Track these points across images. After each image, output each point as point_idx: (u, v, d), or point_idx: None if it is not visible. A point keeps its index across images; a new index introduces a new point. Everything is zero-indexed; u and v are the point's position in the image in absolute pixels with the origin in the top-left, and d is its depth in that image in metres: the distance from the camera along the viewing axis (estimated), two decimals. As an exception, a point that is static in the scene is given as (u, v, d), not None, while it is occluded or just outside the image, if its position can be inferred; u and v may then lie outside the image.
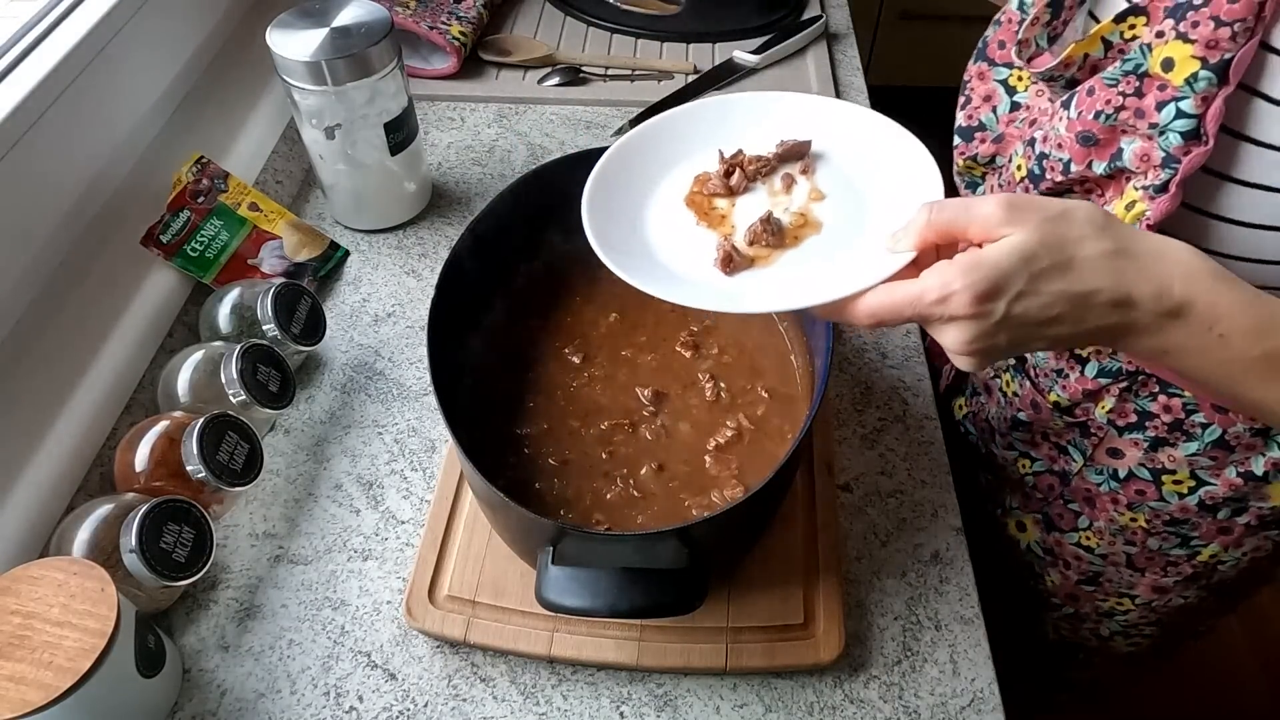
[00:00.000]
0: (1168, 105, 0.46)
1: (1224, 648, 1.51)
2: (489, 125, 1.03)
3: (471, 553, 0.62)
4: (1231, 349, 0.42)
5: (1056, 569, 0.76)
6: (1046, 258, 0.40)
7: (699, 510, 0.59)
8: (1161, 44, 0.46)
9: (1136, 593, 0.73)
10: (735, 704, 0.58)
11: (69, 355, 0.68)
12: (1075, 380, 0.64)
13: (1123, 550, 0.70)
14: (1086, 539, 0.71)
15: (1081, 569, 0.74)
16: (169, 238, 0.76)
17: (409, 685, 0.59)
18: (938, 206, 0.43)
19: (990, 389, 0.73)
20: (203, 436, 0.60)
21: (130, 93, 0.82)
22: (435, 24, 1.03)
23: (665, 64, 1.09)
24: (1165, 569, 0.69)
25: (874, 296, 0.43)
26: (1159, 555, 0.68)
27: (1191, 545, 0.67)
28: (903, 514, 0.68)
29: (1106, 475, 0.67)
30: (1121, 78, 0.48)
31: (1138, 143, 0.49)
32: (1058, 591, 0.77)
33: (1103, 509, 0.68)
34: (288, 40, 0.75)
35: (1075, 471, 0.68)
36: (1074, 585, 0.76)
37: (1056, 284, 0.40)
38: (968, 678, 0.59)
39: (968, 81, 0.64)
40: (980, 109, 0.64)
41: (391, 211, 0.90)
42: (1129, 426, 0.63)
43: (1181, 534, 0.66)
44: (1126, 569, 0.71)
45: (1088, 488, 0.69)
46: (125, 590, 0.53)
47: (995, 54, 0.62)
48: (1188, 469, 0.62)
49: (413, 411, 0.74)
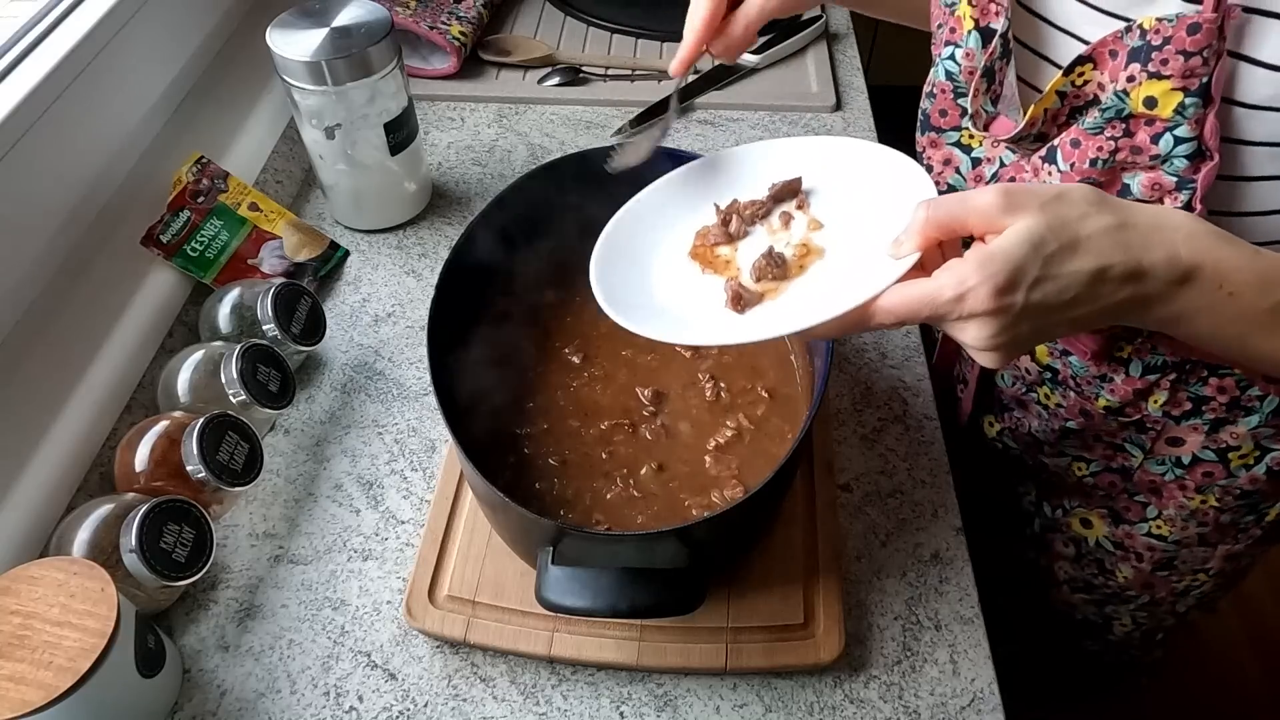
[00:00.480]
0: (1163, 136, 0.47)
1: (1221, 641, 1.52)
2: (489, 125, 1.03)
3: (471, 553, 0.62)
4: (1241, 304, 0.43)
5: (1128, 562, 0.75)
6: (1054, 241, 0.40)
7: (699, 510, 0.59)
8: (1136, 86, 0.47)
9: (1211, 565, 0.73)
10: (735, 704, 0.58)
11: (69, 355, 0.68)
12: (1122, 382, 0.63)
13: (1195, 532, 0.70)
14: (1158, 528, 0.71)
15: (1155, 558, 0.73)
16: (169, 238, 0.76)
17: (409, 685, 0.59)
18: (934, 203, 0.43)
19: (1026, 404, 0.72)
20: (203, 436, 0.60)
21: (130, 93, 0.82)
22: (435, 24, 1.03)
23: (665, 64, 1.09)
24: (1236, 537, 0.70)
25: (889, 298, 0.42)
26: (1230, 527, 0.69)
27: (1260, 510, 0.68)
28: (903, 514, 0.68)
29: (1170, 464, 0.66)
30: (1105, 124, 0.49)
31: (1141, 175, 0.50)
32: (1133, 584, 0.77)
33: (1170, 496, 0.68)
34: (288, 40, 0.75)
35: (1137, 466, 0.68)
36: (1149, 574, 0.75)
37: (1070, 265, 0.40)
38: (968, 678, 0.59)
39: (922, 153, 0.65)
40: (945, 173, 0.64)
41: (391, 211, 0.90)
42: (1185, 414, 0.63)
43: (1251, 503, 0.67)
44: (1199, 548, 0.71)
45: (1152, 479, 0.68)
46: (125, 590, 0.53)
47: (940, 123, 0.62)
48: (1251, 442, 0.62)
49: (413, 411, 0.74)
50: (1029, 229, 0.40)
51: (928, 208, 0.43)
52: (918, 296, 0.41)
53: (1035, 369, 0.69)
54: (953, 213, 0.42)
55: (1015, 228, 0.40)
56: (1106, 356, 0.63)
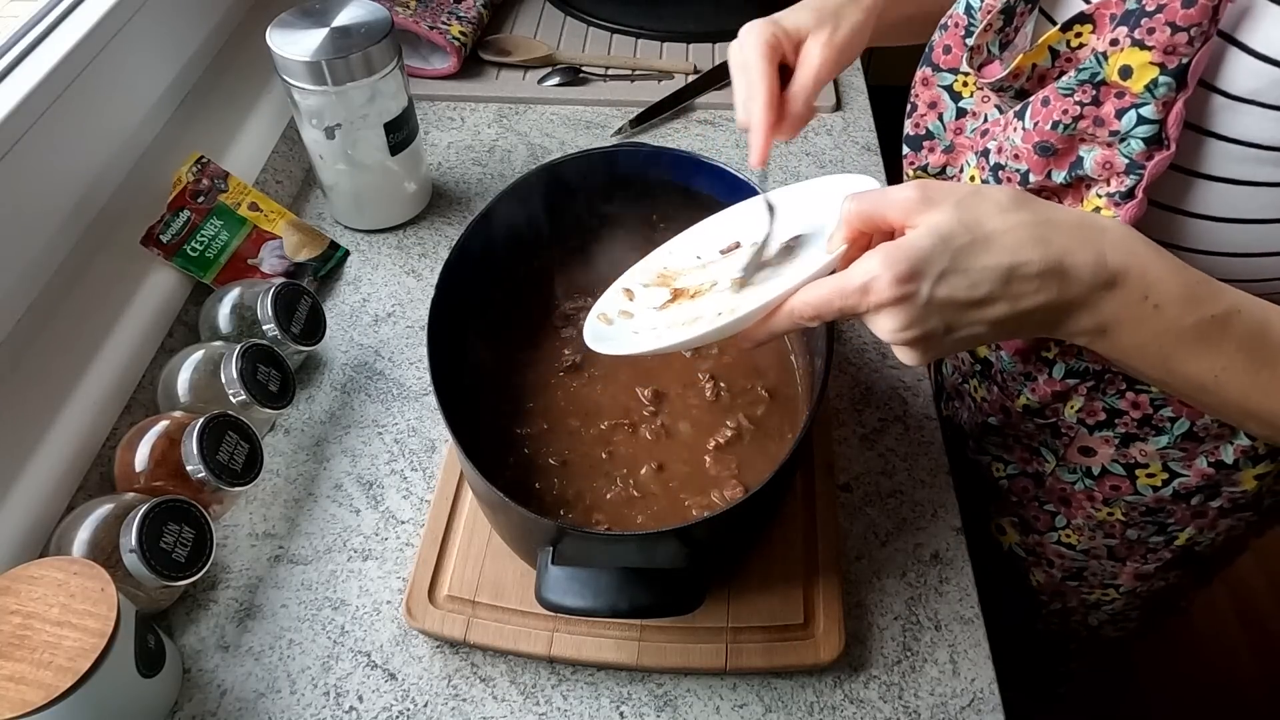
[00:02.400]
0: (1128, 112, 0.46)
1: (1212, 623, 1.53)
2: (489, 125, 1.03)
3: (471, 553, 0.62)
4: (1165, 319, 0.41)
5: (1040, 568, 0.76)
6: (965, 234, 0.40)
7: (699, 510, 0.59)
8: (1117, 51, 0.45)
9: (1120, 582, 0.73)
10: (735, 704, 0.58)
11: (69, 355, 0.68)
12: (1043, 382, 0.64)
13: (1103, 544, 0.70)
14: (1066, 536, 0.72)
15: (1065, 566, 0.74)
16: (169, 238, 0.76)
17: (409, 685, 0.59)
18: (857, 196, 0.43)
19: (961, 394, 0.73)
20: (203, 436, 0.60)
21: (130, 93, 0.82)
22: (435, 24, 1.03)
23: (665, 64, 1.09)
24: (1145, 556, 0.70)
25: (804, 292, 0.43)
26: (1138, 544, 0.69)
27: (1168, 531, 0.67)
28: (903, 514, 0.68)
29: (1080, 474, 0.67)
30: (1077, 87, 0.47)
31: (1098, 150, 0.48)
32: (1044, 589, 0.78)
33: (1079, 507, 0.69)
34: (288, 40, 0.75)
35: (1049, 472, 0.69)
36: (1059, 582, 0.76)
37: (980, 259, 0.40)
38: (968, 678, 0.59)
39: (912, 88, 0.63)
40: (927, 116, 0.63)
41: (391, 211, 0.90)
42: (1099, 424, 0.63)
43: (1158, 522, 0.67)
44: (1108, 560, 0.72)
45: (1062, 487, 0.69)
46: (125, 590, 0.53)
47: (940, 59, 0.60)
48: (1160, 462, 0.62)
49: (413, 411, 0.74)
50: (939, 221, 0.40)
51: (852, 200, 0.43)
52: (829, 288, 0.42)
53: (970, 361, 0.70)
54: (875, 205, 0.42)
55: (926, 220, 0.40)
56: (1033, 354, 0.63)
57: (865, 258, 0.41)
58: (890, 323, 0.41)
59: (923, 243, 0.40)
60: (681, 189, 0.68)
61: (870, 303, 0.40)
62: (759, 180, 0.59)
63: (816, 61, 0.56)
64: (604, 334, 0.54)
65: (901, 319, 0.41)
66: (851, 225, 0.43)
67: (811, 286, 0.43)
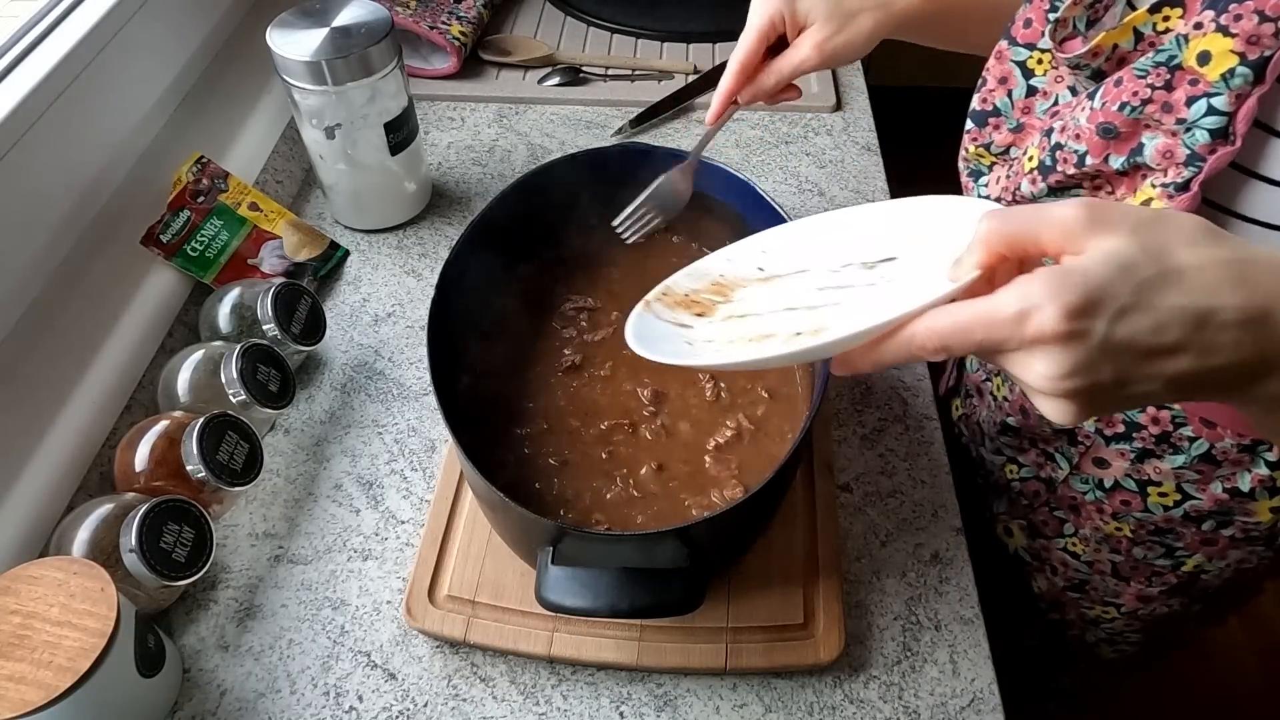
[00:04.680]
0: (1199, 100, 0.44)
1: (1222, 643, 1.51)
2: (489, 125, 1.03)
3: (471, 553, 0.62)
4: None
5: (1044, 574, 0.76)
6: (1150, 265, 0.32)
7: (699, 510, 0.59)
8: (1199, 36, 0.43)
9: (1121, 601, 0.72)
10: (735, 704, 0.58)
11: (69, 355, 0.68)
12: None
13: (1108, 559, 0.69)
14: (1073, 545, 0.71)
15: (1068, 575, 0.74)
16: (169, 237, 0.76)
17: (409, 685, 0.59)
18: (1003, 214, 0.35)
19: (983, 392, 0.73)
20: (203, 436, 0.60)
21: (130, 93, 0.82)
22: (435, 24, 1.03)
23: (665, 64, 1.09)
24: (1150, 579, 0.69)
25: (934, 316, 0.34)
26: (1143, 565, 0.68)
27: (1176, 555, 0.66)
28: (903, 514, 0.68)
29: (1092, 484, 0.66)
30: (1152, 69, 0.45)
31: (1160, 139, 0.46)
32: (1045, 596, 0.77)
33: (1088, 517, 0.68)
34: (288, 40, 0.75)
35: (1061, 479, 0.68)
36: (1060, 591, 0.75)
37: (1169, 298, 0.32)
38: (968, 678, 0.59)
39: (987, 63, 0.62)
40: (995, 92, 0.60)
41: (391, 211, 0.90)
42: (1116, 436, 0.62)
43: (1166, 544, 0.66)
44: (1112, 578, 0.71)
45: (1073, 496, 0.68)
46: (125, 590, 0.53)
47: (1018, 32, 0.58)
48: (1174, 481, 0.61)
49: (413, 411, 0.74)
50: (1115, 248, 0.32)
51: (995, 219, 0.35)
52: (970, 314, 0.33)
53: None
54: (1026, 224, 0.34)
55: (1102, 244, 0.32)
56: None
57: (1018, 282, 0.33)
58: (1050, 367, 0.33)
59: (1099, 270, 0.32)
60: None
61: (1027, 337, 0.32)
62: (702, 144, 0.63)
63: (799, 57, 0.58)
64: (650, 337, 0.47)
65: (1066, 363, 0.32)
66: (992, 248, 0.35)
67: (939, 312, 0.34)
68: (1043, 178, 0.53)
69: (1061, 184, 0.53)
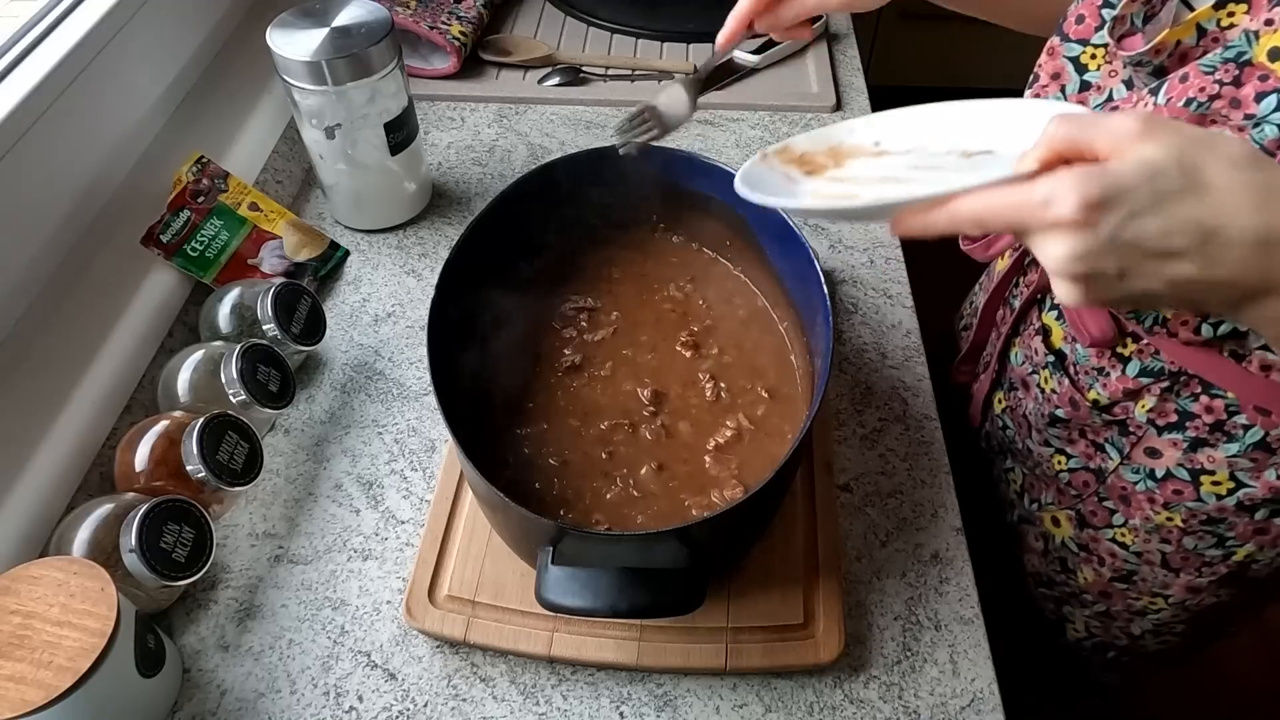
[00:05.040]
0: (1269, 96, 0.44)
1: (1230, 647, 1.49)
2: (489, 125, 1.03)
3: (471, 553, 0.62)
4: None
5: (1090, 565, 0.75)
6: (1178, 178, 0.35)
7: (699, 510, 0.59)
8: (1270, 32, 0.43)
9: (1170, 592, 0.72)
10: (735, 704, 0.58)
11: (69, 355, 0.68)
12: (1116, 379, 0.63)
13: (1158, 549, 0.69)
14: (1121, 535, 0.70)
15: (1116, 566, 0.73)
16: (169, 237, 0.76)
17: (409, 685, 0.59)
18: (1069, 119, 0.38)
19: (1029, 385, 0.73)
20: (203, 436, 0.60)
21: (130, 93, 0.82)
22: (435, 24, 1.03)
23: (665, 64, 1.09)
24: (1200, 569, 0.68)
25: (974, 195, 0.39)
26: (1194, 555, 0.67)
27: (1227, 545, 0.66)
28: (903, 514, 0.68)
29: (1143, 474, 0.66)
30: (1220, 65, 0.45)
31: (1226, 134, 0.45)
32: (1090, 588, 0.77)
33: (1138, 507, 0.68)
34: (288, 40, 0.75)
35: (1111, 470, 0.68)
36: (1107, 582, 0.75)
37: (1185, 209, 0.35)
38: (968, 678, 0.59)
39: (1039, 60, 0.62)
40: (1049, 88, 0.60)
41: (391, 211, 0.90)
42: (1169, 426, 0.62)
43: (1218, 534, 0.65)
44: (1161, 569, 0.70)
45: (1123, 486, 0.68)
46: (125, 590, 0.53)
47: (1071, 29, 0.58)
48: (1227, 470, 0.61)
49: (413, 411, 0.74)
50: (1150, 156, 0.35)
51: (1062, 122, 0.38)
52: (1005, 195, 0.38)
53: (1044, 352, 0.69)
54: (1085, 128, 0.37)
55: (1138, 151, 0.36)
56: (1109, 349, 0.62)
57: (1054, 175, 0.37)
58: (1060, 249, 0.37)
59: (1125, 171, 0.36)
60: (682, 189, 0.68)
61: (1046, 219, 0.37)
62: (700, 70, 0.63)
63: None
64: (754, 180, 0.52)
65: (1075, 247, 0.37)
66: (1053, 146, 0.38)
67: (983, 191, 0.39)
68: None
69: None
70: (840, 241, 0.89)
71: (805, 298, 0.62)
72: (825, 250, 0.88)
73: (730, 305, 0.71)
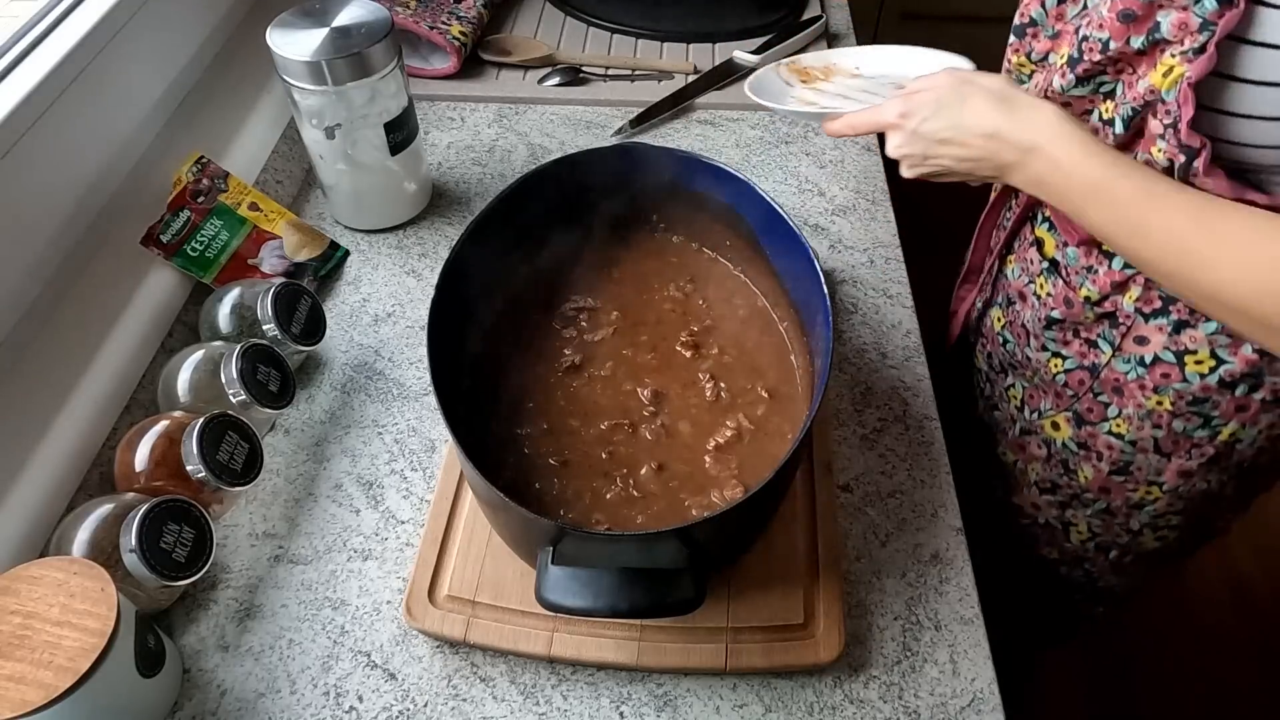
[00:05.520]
0: None
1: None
2: (489, 125, 1.03)
3: (471, 553, 0.62)
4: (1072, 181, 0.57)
5: (1090, 462, 0.79)
6: (951, 99, 0.62)
7: (699, 510, 0.59)
8: None
9: (1164, 479, 0.76)
10: (735, 704, 0.58)
11: (69, 355, 0.68)
12: (1104, 273, 0.69)
13: (1150, 435, 0.73)
14: (1117, 427, 0.75)
15: (1113, 459, 0.77)
16: (169, 237, 0.76)
17: (409, 685, 0.59)
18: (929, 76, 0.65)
19: (1025, 295, 0.80)
20: (203, 436, 0.60)
21: (130, 93, 0.82)
22: (435, 24, 1.03)
23: (665, 64, 1.09)
24: (1190, 451, 0.73)
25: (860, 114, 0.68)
26: (1183, 438, 0.72)
27: (1213, 425, 0.71)
28: (903, 514, 0.68)
29: (1134, 363, 0.71)
30: None
31: (1174, 14, 0.54)
32: (1091, 486, 0.81)
33: (1130, 396, 0.72)
34: (288, 40, 0.75)
35: (1105, 363, 0.73)
36: (1106, 477, 0.79)
37: (951, 114, 0.62)
38: (968, 678, 0.59)
39: None
40: (1031, 5, 0.70)
41: (391, 211, 0.90)
42: (1155, 312, 0.67)
43: (1203, 413, 0.70)
44: (1155, 454, 0.75)
45: (1116, 377, 0.73)
46: (125, 590, 0.53)
47: None
48: (1208, 348, 0.66)
49: (413, 411, 0.74)
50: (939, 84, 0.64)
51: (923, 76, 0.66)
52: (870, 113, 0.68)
53: (1039, 261, 0.77)
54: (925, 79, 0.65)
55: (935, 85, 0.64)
56: (1095, 248, 0.70)
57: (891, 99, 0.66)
58: (891, 140, 0.66)
59: (923, 97, 0.64)
60: (681, 189, 0.69)
61: (886, 123, 0.66)
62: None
63: None
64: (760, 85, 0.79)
65: (897, 139, 0.66)
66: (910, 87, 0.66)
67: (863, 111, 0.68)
68: (1070, 69, 0.63)
69: (1088, 72, 0.62)
70: (840, 241, 0.89)
71: (805, 298, 0.62)
72: (825, 250, 0.88)
73: (730, 305, 0.71)
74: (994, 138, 0.60)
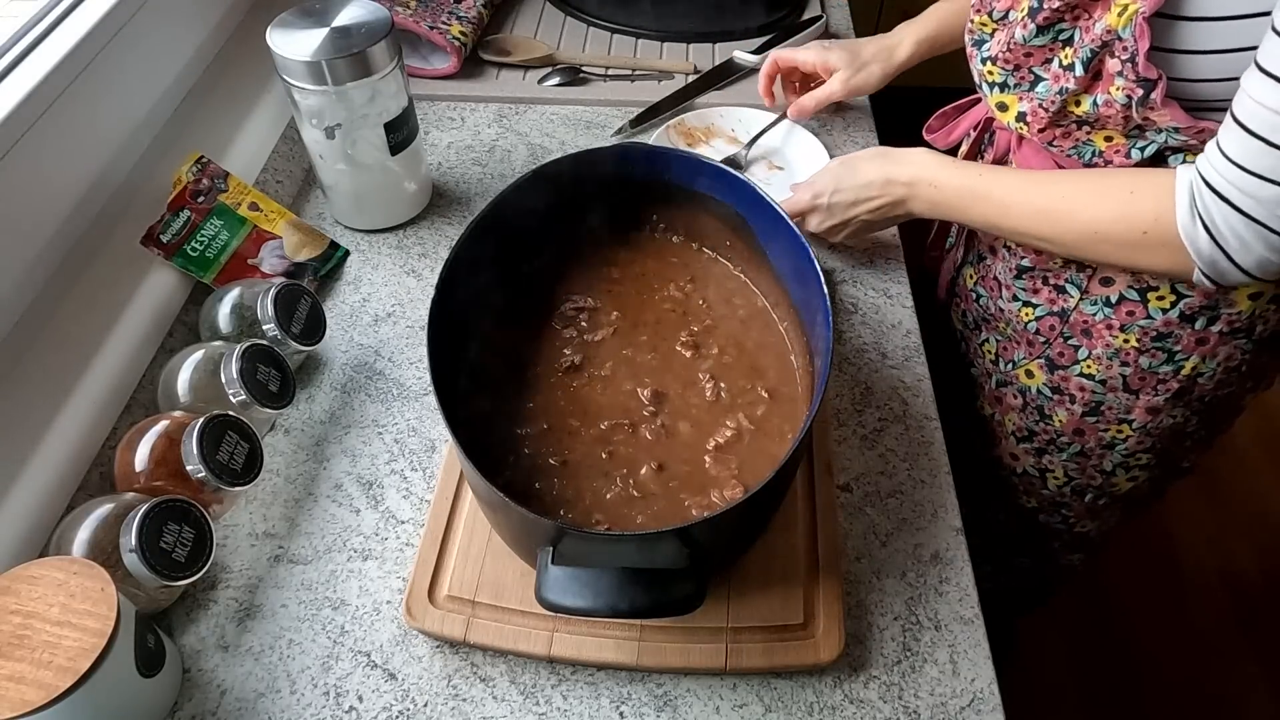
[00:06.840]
0: None
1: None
2: (489, 125, 1.03)
3: (471, 553, 0.62)
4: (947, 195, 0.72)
5: (1063, 405, 0.83)
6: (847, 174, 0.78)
7: (699, 510, 0.59)
8: None
9: (1133, 416, 0.80)
10: (735, 704, 0.58)
11: (69, 355, 0.68)
12: None
13: (1119, 373, 0.77)
14: (1087, 368, 0.79)
15: (1085, 399, 0.81)
16: (169, 237, 0.76)
17: (409, 685, 0.59)
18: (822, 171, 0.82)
19: (995, 249, 0.85)
20: (203, 436, 0.60)
21: (130, 93, 0.82)
22: (435, 24, 1.03)
23: (665, 64, 1.09)
24: (1156, 387, 0.77)
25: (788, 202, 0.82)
26: (1150, 374, 0.76)
27: (1176, 360, 0.74)
28: (903, 514, 0.68)
29: (1100, 304, 0.74)
30: None
31: None
32: (1065, 429, 0.85)
33: (1099, 336, 0.76)
34: (288, 40, 0.75)
35: (1073, 307, 0.77)
36: (1079, 419, 0.83)
37: (848, 182, 0.78)
38: (967, 678, 0.59)
39: None
40: None
41: (391, 211, 0.90)
42: None
43: (1167, 348, 0.74)
44: (1124, 392, 0.78)
45: (1085, 319, 0.76)
46: (125, 590, 0.53)
47: None
48: (1168, 284, 0.70)
49: (413, 411, 0.74)
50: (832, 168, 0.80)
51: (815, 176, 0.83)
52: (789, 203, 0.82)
53: None
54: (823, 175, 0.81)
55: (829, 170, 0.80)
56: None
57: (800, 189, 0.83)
58: (813, 220, 0.82)
59: (821, 180, 0.80)
60: (681, 189, 0.68)
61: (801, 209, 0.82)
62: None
63: (827, 91, 0.94)
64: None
65: (816, 218, 0.82)
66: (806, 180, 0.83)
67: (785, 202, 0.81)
68: (1031, 20, 0.65)
69: (1048, 20, 0.63)
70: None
71: (805, 298, 0.62)
72: (825, 250, 0.88)
73: (730, 305, 0.71)
74: (887, 183, 0.75)
